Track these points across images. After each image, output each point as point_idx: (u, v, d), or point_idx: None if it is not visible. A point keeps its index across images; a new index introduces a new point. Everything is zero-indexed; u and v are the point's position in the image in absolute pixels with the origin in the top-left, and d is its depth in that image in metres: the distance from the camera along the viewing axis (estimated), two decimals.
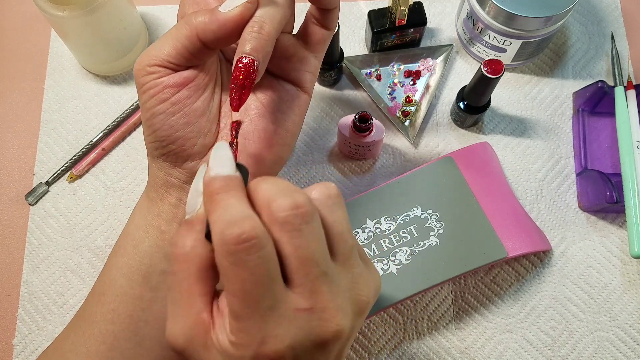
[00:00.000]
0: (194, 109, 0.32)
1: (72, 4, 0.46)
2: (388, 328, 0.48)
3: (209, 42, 0.30)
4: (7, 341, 0.48)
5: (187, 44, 0.30)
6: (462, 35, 0.56)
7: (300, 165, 0.53)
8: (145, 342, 0.33)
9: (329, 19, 0.33)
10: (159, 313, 0.33)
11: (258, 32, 0.28)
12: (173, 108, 0.31)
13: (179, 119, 0.31)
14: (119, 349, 0.33)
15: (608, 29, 0.57)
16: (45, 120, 0.54)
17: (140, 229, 0.34)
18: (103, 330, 0.33)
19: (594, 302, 0.48)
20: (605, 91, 0.50)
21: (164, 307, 0.33)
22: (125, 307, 0.33)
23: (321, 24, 0.33)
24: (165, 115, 0.31)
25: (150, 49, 0.31)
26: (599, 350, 0.47)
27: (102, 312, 0.33)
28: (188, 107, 0.31)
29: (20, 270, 0.50)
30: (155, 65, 0.30)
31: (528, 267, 0.49)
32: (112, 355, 0.33)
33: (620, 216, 0.51)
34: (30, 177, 0.53)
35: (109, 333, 0.33)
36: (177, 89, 0.31)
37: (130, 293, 0.33)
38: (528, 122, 0.54)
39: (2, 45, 0.57)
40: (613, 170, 0.51)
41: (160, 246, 0.33)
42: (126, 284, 0.33)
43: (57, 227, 0.51)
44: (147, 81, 0.31)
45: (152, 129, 0.32)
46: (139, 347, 0.33)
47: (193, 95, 0.32)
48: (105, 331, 0.33)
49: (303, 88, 0.34)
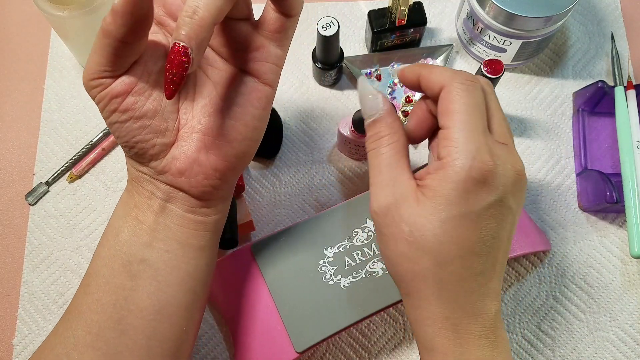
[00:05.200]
0: (144, 112, 0.32)
1: (72, 4, 0.46)
2: (388, 328, 0.48)
3: (122, 37, 0.29)
4: (7, 341, 0.48)
5: (108, 47, 0.29)
6: (462, 35, 0.56)
7: (300, 165, 0.53)
8: (129, 331, 0.33)
9: (287, 4, 0.32)
10: (141, 302, 0.33)
11: (190, 17, 0.27)
12: (124, 116, 0.32)
13: (132, 124, 0.32)
14: (104, 338, 0.33)
15: (608, 29, 0.57)
16: (45, 120, 0.54)
17: (119, 218, 0.35)
18: (88, 320, 0.33)
19: (594, 302, 0.48)
20: (605, 91, 0.50)
21: (146, 296, 0.33)
22: (109, 297, 0.33)
23: (279, 10, 0.32)
24: (119, 124, 0.32)
25: (87, 64, 0.31)
26: (599, 350, 0.47)
27: (87, 302, 0.34)
28: (138, 112, 0.32)
29: (20, 270, 0.50)
30: (94, 78, 0.31)
31: (528, 267, 0.49)
32: (98, 345, 0.33)
33: (620, 216, 0.51)
34: (30, 177, 0.53)
35: (93, 323, 0.33)
36: (122, 97, 0.31)
37: (112, 282, 0.33)
38: (528, 122, 0.54)
39: (2, 45, 0.57)
40: (613, 170, 0.51)
41: (138, 235, 0.34)
42: (108, 273, 0.34)
43: (57, 227, 0.51)
44: (95, 95, 0.31)
45: (114, 136, 0.33)
46: (123, 336, 0.33)
47: (140, 99, 0.32)
48: (90, 321, 0.33)
49: (263, 80, 0.33)
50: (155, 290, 0.34)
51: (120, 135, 0.32)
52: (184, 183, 0.33)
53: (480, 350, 0.30)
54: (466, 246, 0.29)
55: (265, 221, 0.51)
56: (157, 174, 0.33)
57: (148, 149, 0.33)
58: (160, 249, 0.34)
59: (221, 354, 0.47)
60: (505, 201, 0.30)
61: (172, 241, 0.34)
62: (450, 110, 0.30)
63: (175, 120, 0.33)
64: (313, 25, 0.58)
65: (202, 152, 0.33)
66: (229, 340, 0.48)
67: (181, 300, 0.35)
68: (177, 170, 0.33)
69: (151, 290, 0.34)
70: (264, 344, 0.42)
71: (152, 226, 0.34)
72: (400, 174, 0.31)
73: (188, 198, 0.34)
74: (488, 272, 0.30)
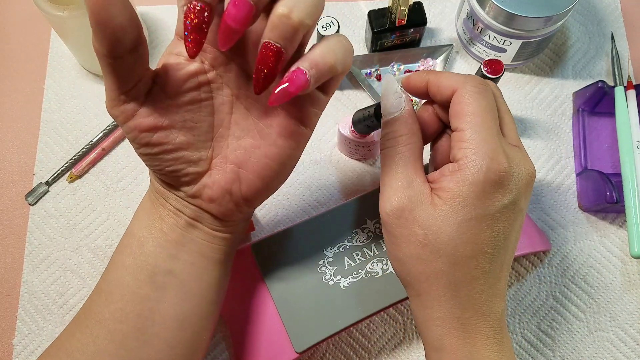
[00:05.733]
0: (177, 145, 0.31)
1: (72, 4, 0.46)
2: (388, 328, 0.48)
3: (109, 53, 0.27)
4: (7, 341, 0.48)
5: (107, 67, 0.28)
6: (462, 35, 0.56)
7: (300, 166, 0.53)
8: (153, 341, 0.33)
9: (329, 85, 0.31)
10: (166, 313, 0.33)
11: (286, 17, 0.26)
12: (156, 149, 0.31)
13: (164, 156, 0.31)
14: (127, 348, 0.33)
15: (608, 29, 0.57)
16: (45, 120, 0.54)
17: (144, 229, 0.34)
18: (111, 329, 0.33)
19: (594, 302, 0.48)
20: (605, 91, 0.50)
21: (171, 307, 0.33)
22: (133, 307, 0.33)
23: None
24: (150, 156, 0.31)
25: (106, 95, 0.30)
26: (599, 350, 0.47)
27: (110, 310, 0.33)
28: (170, 145, 0.31)
29: (20, 270, 0.50)
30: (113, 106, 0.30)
31: (528, 267, 0.49)
32: (121, 353, 0.33)
33: (620, 216, 0.51)
34: (30, 177, 0.53)
35: (117, 332, 0.33)
36: (153, 131, 0.31)
37: (137, 292, 0.33)
38: (528, 122, 0.54)
39: (2, 45, 0.57)
40: (613, 170, 0.51)
41: (164, 247, 0.34)
42: (133, 283, 0.33)
43: (57, 227, 0.51)
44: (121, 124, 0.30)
45: (145, 164, 0.33)
46: (146, 346, 0.33)
47: (171, 132, 0.31)
48: (113, 330, 0.33)
49: (306, 124, 0.32)
50: (180, 302, 0.34)
51: (151, 165, 0.32)
52: (213, 209, 0.34)
53: (488, 350, 0.30)
54: (479, 247, 0.30)
55: (265, 221, 0.51)
56: (187, 197, 0.33)
57: (180, 177, 0.32)
58: (185, 261, 0.34)
59: (221, 354, 0.47)
60: (518, 203, 0.30)
61: (197, 254, 0.34)
62: (465, 113, 0.30)
63: (209, 149, 0.33)
64: None
65: (235, 184, 0.33)
66: (228, 340, 0.48)
67: (202, 311, 0.35)
68: (208, 197, 0.33)
69: (175, 302, 0.34)
70: (263, 344, 0.42)
71: (178, 239, 0.34)
72: (416, 176, 0.31)
73: (214, 219, 0.34)
74: (497, 272, 0.31)
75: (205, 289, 0.35)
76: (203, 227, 0.34)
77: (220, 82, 0.32)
